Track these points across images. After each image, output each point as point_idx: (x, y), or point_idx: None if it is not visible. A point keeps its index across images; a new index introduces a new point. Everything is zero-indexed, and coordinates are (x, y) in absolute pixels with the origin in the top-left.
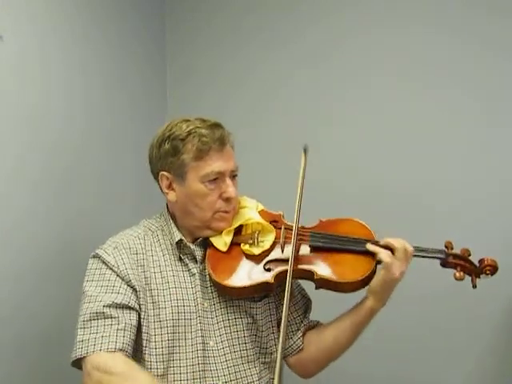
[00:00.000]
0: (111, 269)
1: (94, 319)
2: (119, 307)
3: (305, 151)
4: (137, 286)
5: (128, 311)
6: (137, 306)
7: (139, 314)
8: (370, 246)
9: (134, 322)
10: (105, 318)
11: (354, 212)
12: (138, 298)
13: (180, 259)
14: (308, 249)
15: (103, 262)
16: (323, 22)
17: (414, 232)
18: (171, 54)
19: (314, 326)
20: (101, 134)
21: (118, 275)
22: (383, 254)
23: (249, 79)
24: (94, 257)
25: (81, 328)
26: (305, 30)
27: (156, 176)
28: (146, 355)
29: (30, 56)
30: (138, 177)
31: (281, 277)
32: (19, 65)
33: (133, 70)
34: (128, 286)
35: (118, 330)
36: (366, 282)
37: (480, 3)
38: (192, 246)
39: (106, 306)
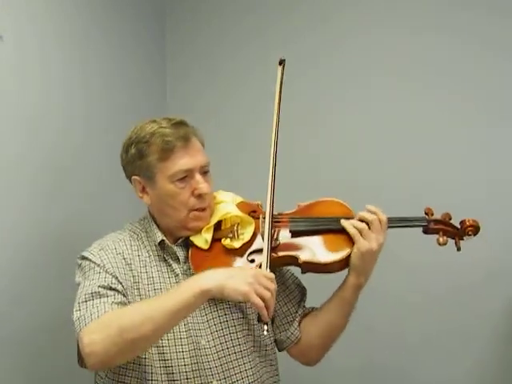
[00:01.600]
0: (99, 266)
1: (89, 300)
2: (113, 289)
3: (280, 63)
4: (124, 284)
5: (121, 294)
6: (126, 298)
7: None
8: (343, 222)
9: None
10: (100, 297)
11: None
12: (125, 294)
13: (164, 260)
14: (289, 234)
15: (90, 262)
16: (323, 21)
17: (414, 231)
18: (171, 54)
19: (309, 312)
20: (101, 133)
21: (106, 272)
22: (349, 228)
23: (249, 79)
24: (80, 259)
25: (76, 310)
26: (305, 29)
27: (130, 181)
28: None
29: (30, 56)
30: None
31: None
32: (19, 65)
33: (133, 70)
34: (117, 280)
35: (113, 303)
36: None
37: (480, 3)
38: (174, 247)
39: (101, 287)
